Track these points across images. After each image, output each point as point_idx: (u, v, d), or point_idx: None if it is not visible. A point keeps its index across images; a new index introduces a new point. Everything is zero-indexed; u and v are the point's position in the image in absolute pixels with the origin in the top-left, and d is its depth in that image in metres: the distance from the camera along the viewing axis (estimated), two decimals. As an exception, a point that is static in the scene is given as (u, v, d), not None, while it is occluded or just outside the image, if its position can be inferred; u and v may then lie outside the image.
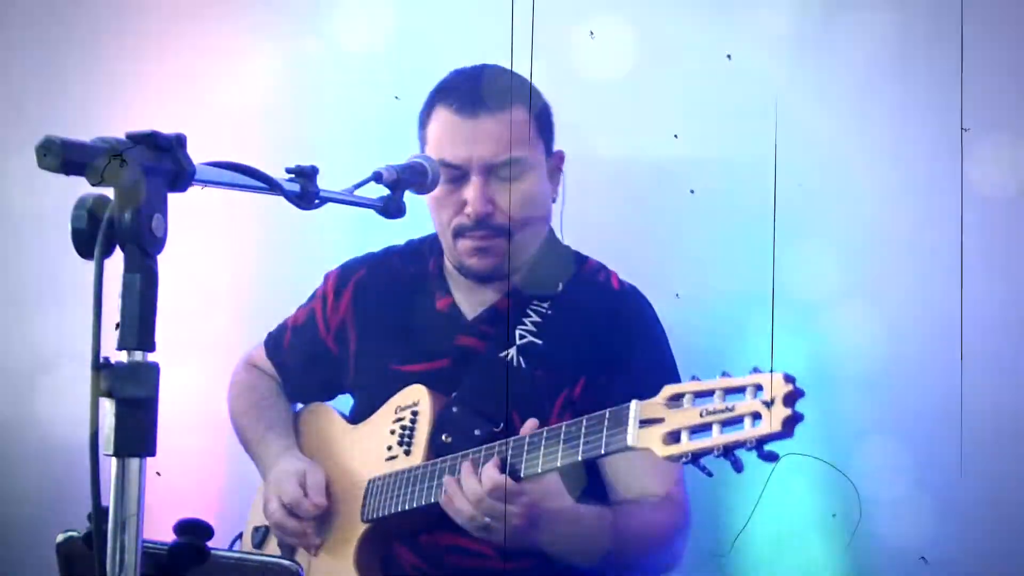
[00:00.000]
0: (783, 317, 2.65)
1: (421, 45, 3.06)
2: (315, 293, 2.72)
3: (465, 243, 2.43)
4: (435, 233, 2.57)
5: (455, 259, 2.49)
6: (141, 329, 1.39)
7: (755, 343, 2.69)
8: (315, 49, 3.20)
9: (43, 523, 2.71)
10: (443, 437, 2.38)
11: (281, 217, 2.43)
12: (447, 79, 2.49)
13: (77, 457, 1.34)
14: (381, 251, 2.71)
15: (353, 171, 1.88)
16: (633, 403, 1.96)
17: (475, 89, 2.42)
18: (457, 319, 2.54)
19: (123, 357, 1.38)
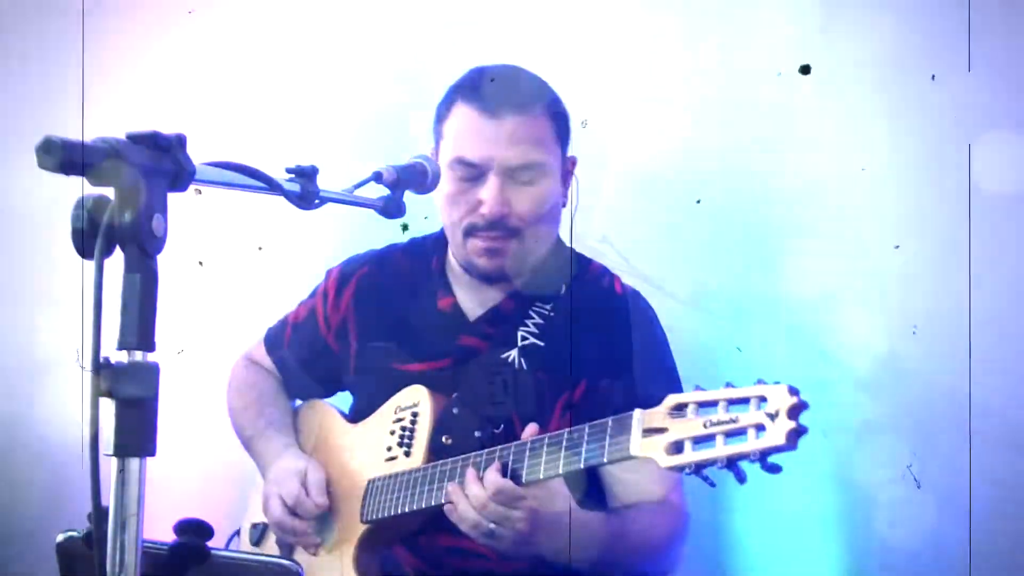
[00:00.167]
0: (789, 320, 2.65)
1: (422, 45, 3.06)
2: (316, 290, 2.71)
3: (476, 243, 2.42)
4: (438, 232, 2.56)
5: (463, 257, 2.48)
6: (141, 329, 1.39)
7: (759, 346, 2.69)
8: (315, 49, 3.20)
9: (43, 523, 2.72)
10: (443, 439, 2.38)
11: (281, 217, 2.42)
12: (470, 76, 2.45)
13: (77, 457, 1.34)
14: (383, 249, 2.70)
15: (353, 171, 1.88)
16: (637, 412, 1.94)
17: (500, 90, 2.39)
18: (459, 319, 2.53)
19: (123, 357, 1.39)
